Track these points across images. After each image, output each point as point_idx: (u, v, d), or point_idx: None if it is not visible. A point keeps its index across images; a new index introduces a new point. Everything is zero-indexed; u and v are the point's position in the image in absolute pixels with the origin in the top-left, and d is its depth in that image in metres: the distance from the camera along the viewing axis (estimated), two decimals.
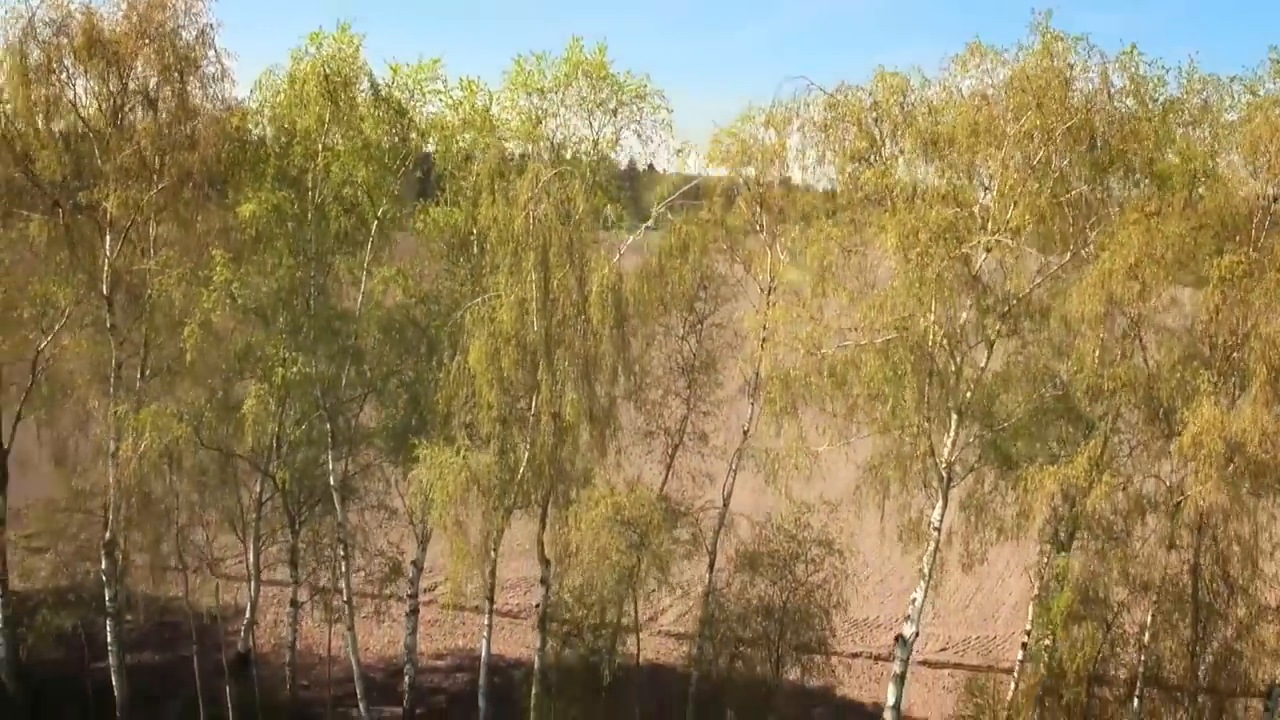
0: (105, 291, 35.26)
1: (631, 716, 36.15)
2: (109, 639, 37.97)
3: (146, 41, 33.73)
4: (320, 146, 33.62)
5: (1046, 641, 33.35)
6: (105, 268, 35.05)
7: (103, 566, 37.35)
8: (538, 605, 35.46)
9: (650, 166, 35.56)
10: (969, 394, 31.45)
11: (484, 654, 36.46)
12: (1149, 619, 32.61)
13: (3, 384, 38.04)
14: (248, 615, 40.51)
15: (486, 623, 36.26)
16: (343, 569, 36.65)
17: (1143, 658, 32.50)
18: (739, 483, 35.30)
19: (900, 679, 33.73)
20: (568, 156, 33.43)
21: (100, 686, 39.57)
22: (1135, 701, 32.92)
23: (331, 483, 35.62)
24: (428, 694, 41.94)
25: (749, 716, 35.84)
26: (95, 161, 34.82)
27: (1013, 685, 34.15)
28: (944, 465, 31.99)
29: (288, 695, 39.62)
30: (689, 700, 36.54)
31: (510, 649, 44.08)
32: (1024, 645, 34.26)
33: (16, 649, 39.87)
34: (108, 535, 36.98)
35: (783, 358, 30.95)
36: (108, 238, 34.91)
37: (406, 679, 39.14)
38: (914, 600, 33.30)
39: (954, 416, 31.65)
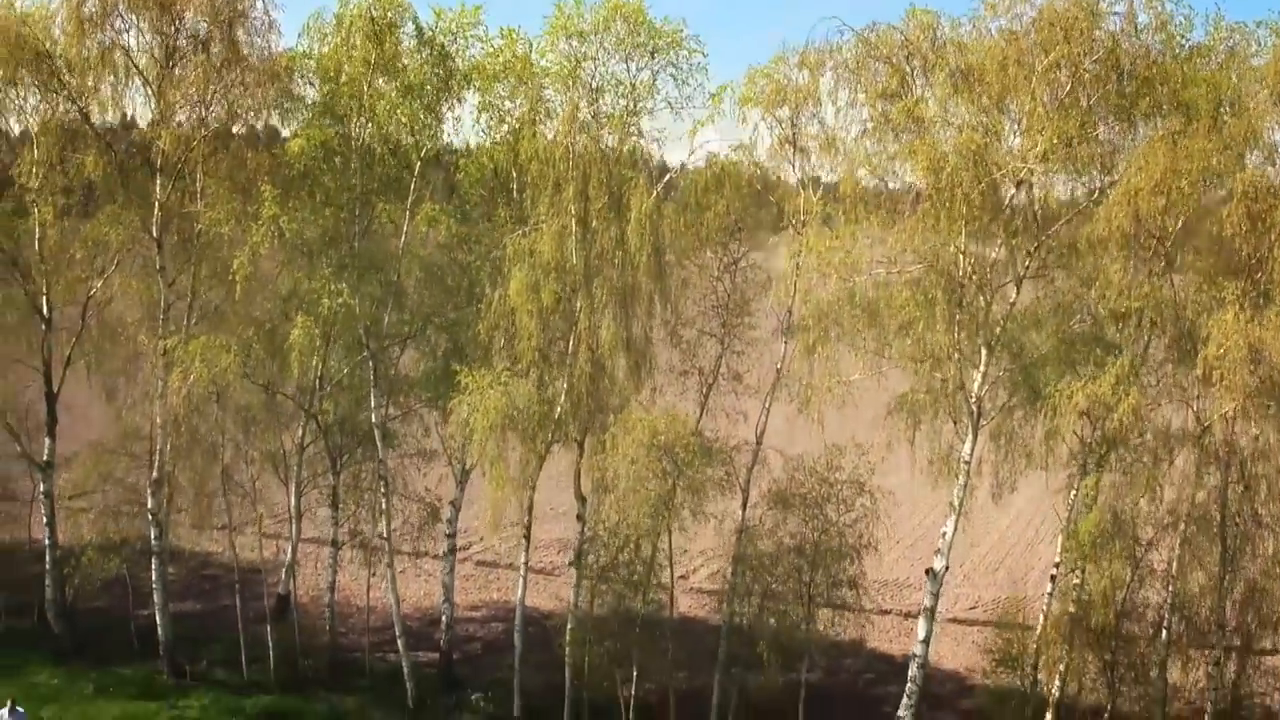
0: (155, 234, 36.32)
1: (664, 655, 36.71)
2: (154, 577, 38.90)
3: None
4: (365, 87, 34.52)
5: (1075, 580, 33.87)
6: (156, 210, 36.13)
7: (149, 505, 38.29)
8: (571, 564, 36.24)
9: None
10: (999, 329, 32.05)
11: (521, 588, 37.22)
12: (1176, 552, 32.97)
13: (53, 329, 39.00)
14: (289, 556, 41.35)
15: (523, 559, 36.93)
16: (383, 506, 37.39)
17: (1171, 588, 32.85)
18: (772, 424, 35.83)
19: (930, 612, 34.18)
20: (606, 100, 34.16)
21: (144, 631, 40.63)
22: (1163, 633, 33.31)
23: (374, 419, 36.40)
24: (463, 641, 42.64)
25: (781, 654, 36.32)
26: (148, 106, 36.12)
27: (1041, 617, 34.51)
28: (974, 400, 32.56)
29: (327, 639, 40.38)
30: (721, 638, 37.05)
31: (544, 602, 44.72)
32: (1053, 578, 34.68)
33: (63, 589, 40.78)
34: (154, 474, 37.92)
35: (816, 282, 31.61)
36: (158, 180, 35.98)
37: (444, 618, 39.79)
38: (944, 534, 33.79)
39: (984, 351, 32.26)
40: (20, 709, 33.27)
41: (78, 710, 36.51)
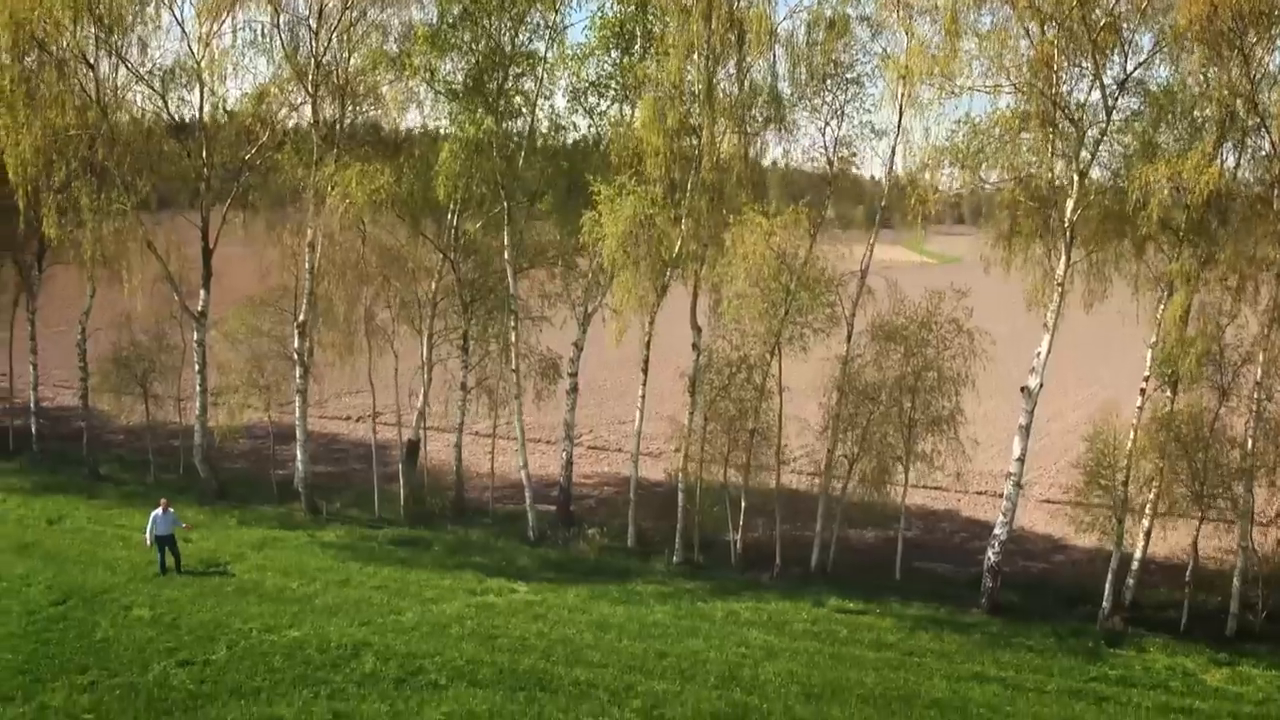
0: (310, 89, 39.84)
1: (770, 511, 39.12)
2: (296, 415, 42.01)
3: None
4: None
5: (1164, 405, 35.73)
6: (311, 63, 39.66)
7: (294, 346, 41.45)
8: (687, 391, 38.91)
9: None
10: (1090, 156, 34.48)
11: (638, 420, 39.64)
12: (1260, 375, 34.71)
13: (212, 186, 42.40)
14: (420, 401, 44.12)
15: (640, 394, 39.41)
16: (513, 339, 40.17)
17: (1258, 395, 34.51)
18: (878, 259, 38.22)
19: (1025, 430, 36.20)
20: None
21: (282, 485, 43.85)
22: (1249, 444, 34.97)
23: (506, 256, 39.26)
24: (578, 498, 45.05)
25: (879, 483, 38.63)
26: None
27: (1132, 432, 36.19)
28: (1068, 223, 34.87)
29: (453, 480, 43.15)
30: (824, 469, 39.27)
31: (653, 474, 46.96)
32: (1142, 391, 36.43)
33: (210, 435, 43.90)
34: (300, 317, 41.07)
35: (919, 92, 34.37)
36: (310, 36, 39.56)
37: (564, 454, 42.43)
38: (1038, 353, 35.90)
39: (1075, 178, 34.64)
40: (171, 510, 36.05)
41: (223, 535, 39.41)
